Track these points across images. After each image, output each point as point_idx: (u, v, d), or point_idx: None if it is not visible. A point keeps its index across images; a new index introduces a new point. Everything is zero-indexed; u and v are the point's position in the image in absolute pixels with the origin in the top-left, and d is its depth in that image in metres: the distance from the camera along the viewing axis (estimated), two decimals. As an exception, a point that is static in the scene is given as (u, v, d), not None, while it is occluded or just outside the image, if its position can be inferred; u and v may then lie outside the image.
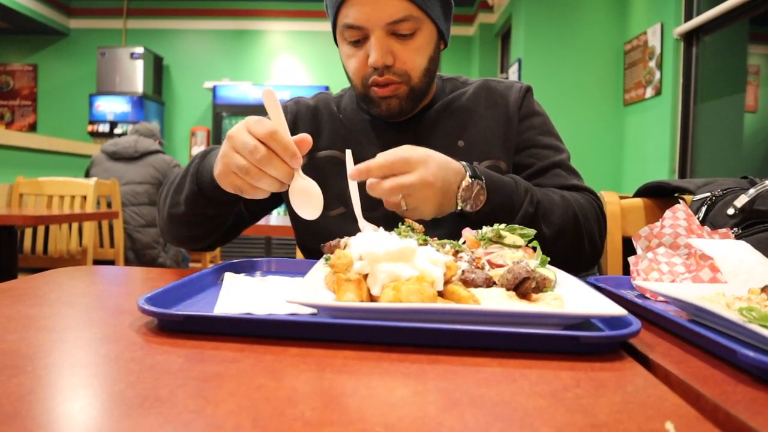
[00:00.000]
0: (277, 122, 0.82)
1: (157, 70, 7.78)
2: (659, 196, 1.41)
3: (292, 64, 8.01)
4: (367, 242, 0.65)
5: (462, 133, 1.22)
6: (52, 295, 0.77)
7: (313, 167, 1.24)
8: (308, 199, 0.85)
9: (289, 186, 0.84)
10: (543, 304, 0.65)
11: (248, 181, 0.83)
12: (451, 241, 0.81)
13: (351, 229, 0.92)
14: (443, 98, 1.27)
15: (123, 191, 3.46)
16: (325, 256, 0.81)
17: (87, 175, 3.65)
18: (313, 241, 1.26)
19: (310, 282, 0.70)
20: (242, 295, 0.73)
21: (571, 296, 0.68)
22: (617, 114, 5.44)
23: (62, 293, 0.79)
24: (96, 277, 0.94)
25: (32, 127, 8.05)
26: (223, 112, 7.54)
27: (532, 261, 0.78)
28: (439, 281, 0.62)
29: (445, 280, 0.65)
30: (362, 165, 0.90)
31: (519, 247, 0.81)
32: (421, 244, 0.75)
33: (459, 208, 0.99)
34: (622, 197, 1.40)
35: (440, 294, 0.64)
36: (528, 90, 1.28)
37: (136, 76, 7.43)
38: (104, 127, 7.43)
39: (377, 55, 1.09)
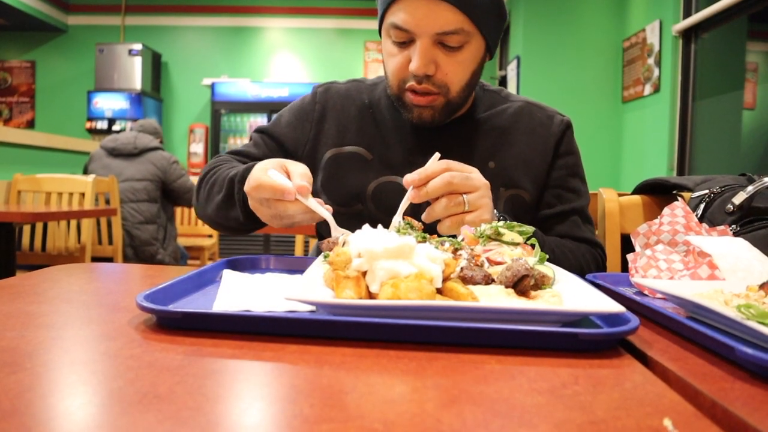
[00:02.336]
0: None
1: (156, 66, 7.76)
2: (658, 193, 1.41)
3: (291, 61, 7.99)
4: (366, 239, 0.65)
5: (495, 154, 1.19)
6: (51, 292, 0.77)
7: (336, 162, 1.22)
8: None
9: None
10: (541, 302, 0.65)
11: (283, 224, 0.88)
12: (450, 238, 0.81)
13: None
14: (481, 111, 1.24)
15: (122, 188, 3.46)
16: (323, 253, 0.81)
17: (85, 171, 3.64)
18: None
19: (309, 279, 0.70)
20: (241, 292, 0.73)
21: (569, 293, 0.68)
22: (616, 111, 5.44)
23: (61, 290, 0.79)
24: (94, 274, 0.94)
25: (30, 124, 8.03)
26: (222, 109, 7.53)
27: (531, 258, 0.79)
28: (438, 278, 0.62)
29: (444, 277, 0.65)
30: (420, 171, 0.91)
31: (517, 244, 0.81)
32: (419, 242, 0.75)
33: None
34: (620, 194, 1.41)
35: (439, 291, 0.64)
36: (569, 126, 1.25)
37: (134, 72, 7.41)
38: (102, 124, 7.42)
39: (420, 64, 1.05)
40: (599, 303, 0.61)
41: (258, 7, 7.93)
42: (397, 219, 0.91)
